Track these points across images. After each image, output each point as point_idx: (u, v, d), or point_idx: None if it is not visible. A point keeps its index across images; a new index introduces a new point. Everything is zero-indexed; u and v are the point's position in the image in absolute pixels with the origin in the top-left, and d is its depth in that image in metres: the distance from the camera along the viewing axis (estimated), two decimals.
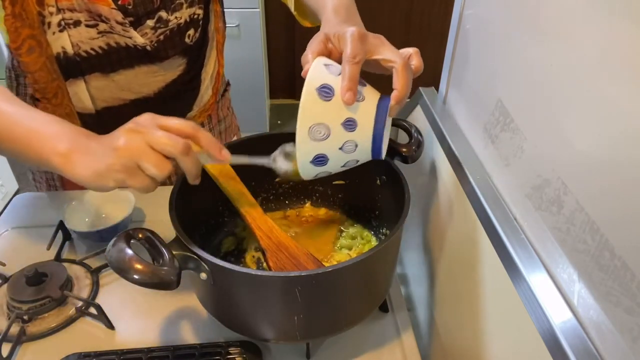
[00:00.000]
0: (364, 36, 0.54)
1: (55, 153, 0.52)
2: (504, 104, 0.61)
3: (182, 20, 0.79)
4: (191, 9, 0.79)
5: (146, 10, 0.75)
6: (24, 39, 0.70)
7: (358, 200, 0.79)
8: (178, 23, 0.78)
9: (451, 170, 0.70)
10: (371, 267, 0.58)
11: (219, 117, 0.99)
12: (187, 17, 0.79)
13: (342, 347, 0.65)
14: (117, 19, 0.73)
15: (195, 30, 0.82)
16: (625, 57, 0.40)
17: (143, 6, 0.74)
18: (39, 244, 0.79)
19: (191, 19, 0.80)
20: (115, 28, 0.74)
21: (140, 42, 0.76)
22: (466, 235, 0.66)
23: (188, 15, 0.79)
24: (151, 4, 0.75)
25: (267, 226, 0.66)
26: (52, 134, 0.53)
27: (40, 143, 0.53)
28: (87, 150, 0.52)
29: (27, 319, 0.66)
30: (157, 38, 0.78)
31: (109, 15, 0.72)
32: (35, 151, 0.53)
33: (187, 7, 0.78)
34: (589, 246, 0.44)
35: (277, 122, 3.00)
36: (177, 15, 0.78)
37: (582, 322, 0.44)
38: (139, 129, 0.51)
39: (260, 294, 0.54)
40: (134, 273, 0.48)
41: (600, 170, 0.43)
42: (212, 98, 0.95)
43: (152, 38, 0.77)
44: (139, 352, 0.62)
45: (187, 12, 0.79)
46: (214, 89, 0.95)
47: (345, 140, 0.52)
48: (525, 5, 0.56)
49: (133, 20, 0.74)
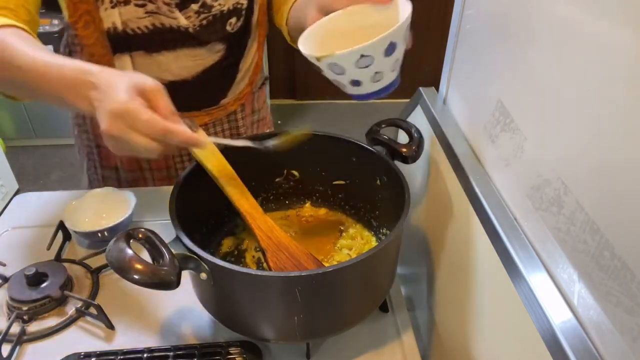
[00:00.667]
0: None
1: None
2: (504, 104, 0.61)
3: (226, 7, 0.81)
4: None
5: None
6: (80, 14, 0.75)
7: (358, 200, 0.79)
8: (221, 10, 0.81)
9: (451, 170, 0.70)
10: (371, 267, 0.58)
11: (254, 107, 1.01)
12: (230, 6, 0.81)
13: (342, 347, 0.65)
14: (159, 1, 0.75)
15: (238, 19, 0.84)
16: (625, 57, 0.40)
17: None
18: (39, 244, 0.79)
19: (234, 8, 0.82)
20: (162, 9, 0.76)
21: (184, 24, 0.78)
22: (466, 235, 0.66)
23: (232, 4, 0.81)
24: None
25: (267, 226, 0.66)
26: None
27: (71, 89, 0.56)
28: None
29: (27, 319, 0.66)
30: (200, 22, 0.80)
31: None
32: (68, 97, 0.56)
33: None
34: (589, 246, 0.44)
35: (277, 122, 3.00)
36: (221, 2, 0.80)
37: (582, 322, 0.44)
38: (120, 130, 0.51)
39: (261, 294, 0.54)
40: (134, 273, 0.48)
41: (600, 170, 0.43)
42: (248, 88, 0.96)
43: (195, 22, 0.80)
44: (139, 352, 0.62)
45: (231, 0, 0.81)
46: (251, 79, 0.96)
47: None
48: (525, 5, 0.56)
49: (179, 3, 0.77)
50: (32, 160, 2.70)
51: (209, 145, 0.68)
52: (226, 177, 0.67)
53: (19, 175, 2.43)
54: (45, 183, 2.53)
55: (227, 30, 0.84)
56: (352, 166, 0.75)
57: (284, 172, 0.80)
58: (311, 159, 0.78)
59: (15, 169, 2.39)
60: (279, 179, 0.80)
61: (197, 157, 0.66)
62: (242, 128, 0.99)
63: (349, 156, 0.74)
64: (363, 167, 0.73)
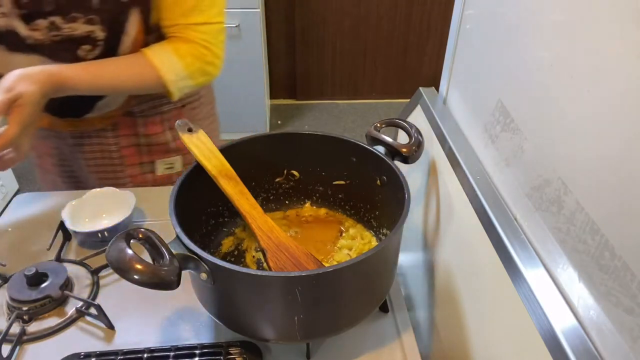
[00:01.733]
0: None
1: None
2: (504, 104, 0.61)
3: (76, 33, 0.78)
4: (89, 27, 0.78)
5: (38, 10, 0.76)
6: None
7: (358, 200, 0.79)
8: (71, 34, 0.78)
9: (451, 170, 0.70)
10: (371, 267, 0.58)
11: (138, 132, 0.97)
12: (82, 32, 0.78)
13: (342, 347, 0.65)
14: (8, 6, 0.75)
15: (94, 47, 0.81)
16: (625, 57, 0.40)
17: (35, 4, 0.75)
18: (39, 244, 0.79)
19: (87, 36, 0.79)
20: (9, 13, 0.75)
21: (24, 34, 0.77)
22: (466, 235, 0.66)
23: (83, 31, 0.78)
24: (44, 6, 0.75)
25: (268, 226, 0.66)
26: None
27: None
28: None
29: (27, 319, 0.66)
30: (51, 39, 0.78)
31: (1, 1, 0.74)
32: None
33: (83, 22, 0.78)
34: (589, 246, 0.44)
35: (277, 122, 3.00)
36: (72, 26, 0.78)
37: (582, 322, 0.44)
38: None
39: (261, 294, 0.54)
40: (134, 273, 0.48)
41: (600, 170, 0.43)
42: (118, 112, 0.93)
43: (47, 36, 0.78)
44: (139, 352, 0.62)
45: (84, 27, 0.78)
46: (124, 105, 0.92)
47: None
48: (525, 5, 0.56)
49: (26, 14, 0.76)
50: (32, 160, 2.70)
51: (209, 145, 0.68)
52: (226, 177, 0.67)
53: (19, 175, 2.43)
54: None
55: (81, 56, 0.81)
56: (352, 166, 0.75)
57: (284, 172, 0.80)
58: (311, 159, 0.78)
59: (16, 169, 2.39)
60: (279, 179, 0.80)
61: (197, 157, 0.66)
62: (113, 146, 0.96)
63: (349, 156, 0.74)
64: (363, 167, 0.73)
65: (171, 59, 0.84)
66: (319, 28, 2.91)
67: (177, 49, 0.84)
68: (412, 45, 2.99)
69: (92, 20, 0.78)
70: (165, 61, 0.83)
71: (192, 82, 0.88)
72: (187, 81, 0.87)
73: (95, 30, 0.79)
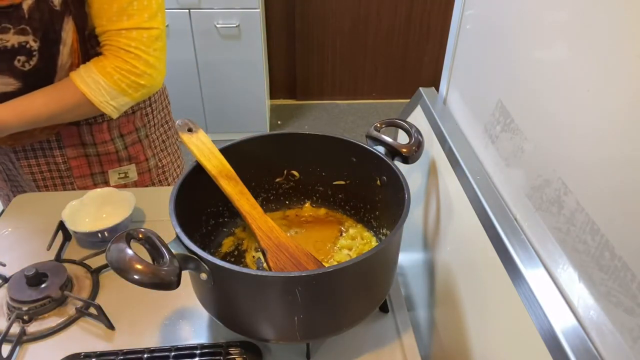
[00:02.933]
0: None
1: None
2: (504, 104, 0.61)
3: (9, 44, 0.77)
4: (21, 37, 0.77)
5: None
6: None
7: (358, 200, 0.79)
8: (4, 45, 0.77)
9: (451, 170, 0.70)
10: (371, 267, 0.58)
11: (84, 141, 0.95)
12: (15, 43, 0.77)
13: (342, 347, 0.65)
14: None
15: (29, 58, 0.79)
16: (625, 56, 0.40)
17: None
18: (39, 244, 0.79)
19: (20, 46, 0.78)
20: None
21: None
22: (466, 236, 0.66)
23: (16, 42, 0.77)
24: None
25: (268, 226, 0.66)
26: None
27: None
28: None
29: (27, 319, 0.66)
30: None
31: None
32: None
33: (14, 33, 0.76)
34: (589, 246, 0.44)
35: (277, 122, 3.00)
36: (3, 37, 0.76)
37: (583, 322, 0.44)
38: None
39: (261, 294, 0.54)
40: (134, 273, 0.48)
41: (600, 170, 0.43)
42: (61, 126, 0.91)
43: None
44: (139, 352, 0.62)
45: (16, 38, 0.77)
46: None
47: None
48: (525, 5, 0.56)
49: None
50: None
51: (209, 145, 0.68)
52: (226, 177, 0.67)
53: None
54: None
55: (17, 67, 0.79)
56: (352, 166, 0.75)
57: (284, 172, 0.80)
58: (311, 159, 0.78)
59: None
60: (279, 179, 0.80)
61: (197, 157, 0.66)
62: (59, 157, 0.95)
63: (349, 156, 0.74)
64: (363, 168, 0.73)
65: (97, 80, 0.82)
66: (319, 28, 2.91)
67: (103, 67, 0.82)
68: (412, 45, 2.99)
69: (24, 30, 0.76)
70: (91, 84, 0.82)
71: (128, 99, 0.86)
72: (122, 98, 0.85)
73: (28, 40, 0.77)
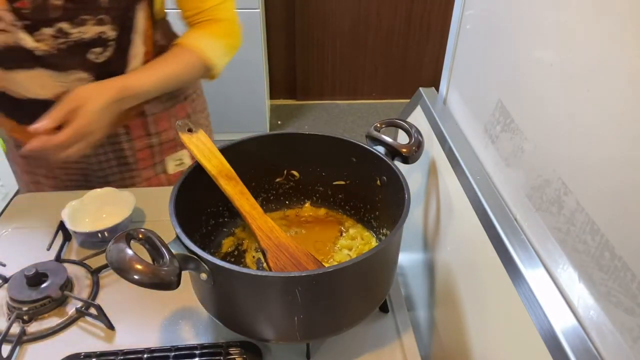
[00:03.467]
0: None
1: None
2: (504, 104, 0.61)
3: (87, 36, 0.77)
4: (99, 27, 0.77)
5: (44, 18, 0.74)
6: None
7: (358, 200, 0.79)
8: (81, 38, 0.77)
9: (451, 170, 0.70)
10: (371, 267, 0.58)
11: (149, 131, 0.96)
12: (92, 34, 0.77)
13: (342, 347, 0.65)
14: (10, 20, 0.73)
15: (104, 49, 0.80)
16: (625, 57, 0.40)
17: (40, 13, 0.73)
18: (39, 244, 0.79)
19: (98, 37, 0.78)
20: (9, 29, 0.74)
21: (30, 46, 0.75)
22: (466, 236, 0.66)
23: (94, 33, 0.77)
24: (50, 13, 0.74)
25: (268, 226, 0.66)
26: None
27: None
28: None
29: (27, 319, 0.66)
30: (58, 47, 0.77)
31: (2, 15, 0.72)
32: None
33: (93, 24, 0.77)
34: (589, 246, 0.44)
35: (277, 122, 3.00)
36: (81, 30, 0.76)
37: (583, 322, 0.44)
38: None
39: (261, 294, 0.54)
40: (134, 273, 0.48)
41: (600, 170, 0.43)
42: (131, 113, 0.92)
43: (53, 46, 0.76)
44: (139, 352, 0.62)
45: (94, 29, 0.77)
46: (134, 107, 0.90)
47: None
48: (525, 5, 0.56)
49: (29, 25, 0.74)
50: None
51: (209, 145, 0.68)
52: (226, 177, 0.67)
53: None
54: None
55: (91, 60, 0.79)
56: (352, 166, 0.75)
57: (284, 173, 0.80)
58: (311, 159, 0.78)
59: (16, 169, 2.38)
60: (279, 179, 0.80)
61: (197, 157, 0.66)
62: (128, 151, 0.95)
63: (349, 156, 0.74)
64: (363, 168, 0.73)
65: (210, 42, 0.87)
66: (319, 28, 2.91)
67: (211, 31, 0.87)
68: (412, 45, 2.99)
69: (102, 20, 0.77)
70: (207, 45, 0.86)
71: (228, 59, 0.91)
72: (226, 58, 0.90)
73: (105, 30, 0.78)
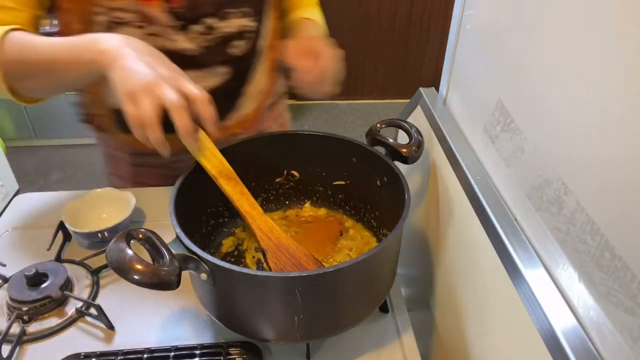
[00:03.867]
0: None
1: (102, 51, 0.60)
2: (504, 104, 0.61)
3: (231, 30, 0.78)
4: (242, 20, 0.79)
5: (195, 15, 0.75)
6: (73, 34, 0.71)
7: (358, 200, 0.79)
8: (226, 32, 0.78)
9: (451, 170, 0.70)
10: (371, 267, 0.58)
11: (262, 128, 0.98)
12: (235, 28, 0.79)
13: (343, 347, 0.65)
14: (165, 22, 0.73)
15: (243, 42, 0.82)
16: (625, 57, 0.40)
17: (193, 11, 0.74)
18: (39, 244, 0.79)
19: (240, 31, 0.80)
20: (162, 31, 0.74)
21: (184, 48, 0.76)
22: (466, 236, 0.66)
23: (238, 26, 0.79)
24: (202, 10, 0.75)
25: (268, 226, 0.66)
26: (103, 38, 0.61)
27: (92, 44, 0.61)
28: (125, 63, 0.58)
29: (27, 319, 0.66)
30: (202, 44, 0.78)
31: (158, 18, 0.73)
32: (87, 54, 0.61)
33: (238, 17, 0.78)
34: (589, 246, 0.44)
35: None
36: (226, 24, 0.78)
37: (583, 322, 0.44)
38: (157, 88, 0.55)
39: (261, 294, 0.54)
40: (134, 273, 0.48)
41: (600, 170, 0.43)
42: (254, 112, 0.94)
43: (198, 44, 0.77)
44: (139, 352, 0.62)
45: (238, 22, 0.79)
46: (258, 104, 0.93)
47: None
48: (525, 5, 0.56)
49: (182, 24, 0.75)
50: (32, 160, 2.70)
51: (209, 145, 0.68)
52: (226, 177, 0.67)
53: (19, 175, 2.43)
54: (45, 183, 2.53)
55: (230, 53, 0.81)
56: (352, 166, 0.75)
57: (284, 173, 0.80)
58: (311, 159, 0.78)
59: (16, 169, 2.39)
60: (279, 179, 0.80)
61: (197, 157, 0.66)
62: None
63: (349, 156, 0.74)
64: (363, 168, 0.73)
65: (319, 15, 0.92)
66: None
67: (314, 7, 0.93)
68: (412, 45, 2.99)
69: (245, 12, 0.79)
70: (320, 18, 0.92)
71: None
72: None
73: (246, 22, 0.80)
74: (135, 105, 0.55)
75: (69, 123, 2.64)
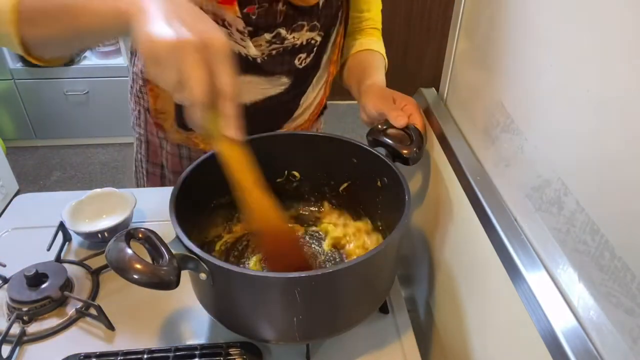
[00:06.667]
0: None
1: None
2: (504, 105, 0.61)
3: (299, 42, 0.79)
4: (311, 33, 0.80)
5: (267, 24, 0.75)
6: None
7: (359, 201, 0.79)
8: (294, 43, 0.79)
9: (451, 171, 0.70)
10: (371, 268, 0.58)
11: None
12: (304, 40, 0.80)
13: (342, 348, 0.65)
14: (238, 26, 0.74)
15: (308, 55, 0.82)
16: (625, 57, 0.40)
17: (266, 19, 0.75)
18: (39, 244, 0.79)
19: (307, 43, 0.80)
20: (233, 35, 0.75)
21: (252, 53, 0.77)
22: (466, 236, 0.66)
23: (305, 39, 0.80)
24: (274, 19, 0.75)
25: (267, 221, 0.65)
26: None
27: None
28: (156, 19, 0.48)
29: (27, 320, 0.66)
30: (269, 52, 0.78)
31: (232, 22, 0.73)
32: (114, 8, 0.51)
33: (307, 30, 0.79)
34: (589, 247, 0.44)
35: None
36: (296, 35, 0.78)
37: (583, 322, 0.44)
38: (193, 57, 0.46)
39: (260, 294, 0.54)
40: (134, 273, 0.48)
41: (600, 171, 0.43)
42: (306, 123, 0.95)
43: (265, 51, 0.78)
44: (139, 352, 0.62)
45: (306, 35, 0.79)
46: (311, 115, 0.94)
47: None
48: (525, 5, 0.56)
49: (252, 30, 0.75)
50: (32, 161, 2.70)
51: None
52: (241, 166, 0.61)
53: (19, 176, 2.43)
54: (45, 184, 2.54)
55: (295, 65, 0.82)
56: (352, 167, 0.75)
57: (285, 173, 0.80)
58: (312, 160, 0.78)
59: (16, 169, 2.39)
60: (280, 180, 0.80)
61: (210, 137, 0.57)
62: None
63: (349, 157, 0.74)
64: (364, 168, 0.73)
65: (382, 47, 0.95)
66: None
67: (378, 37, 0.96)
68: (412, 45, 2.98)
69: (315, 26, 0.79)
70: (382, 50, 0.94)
71: None
72: None
73: (314, 36, 0.80)
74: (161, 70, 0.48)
75: (69, 123, 2.64)
